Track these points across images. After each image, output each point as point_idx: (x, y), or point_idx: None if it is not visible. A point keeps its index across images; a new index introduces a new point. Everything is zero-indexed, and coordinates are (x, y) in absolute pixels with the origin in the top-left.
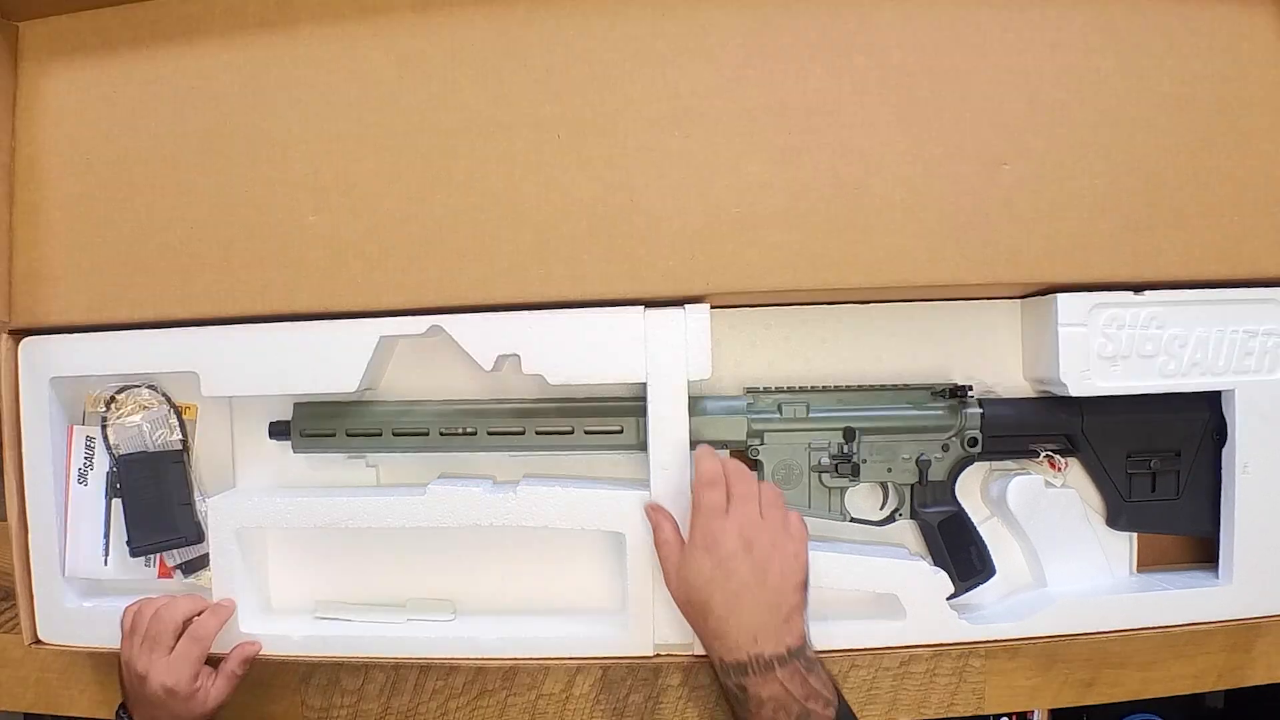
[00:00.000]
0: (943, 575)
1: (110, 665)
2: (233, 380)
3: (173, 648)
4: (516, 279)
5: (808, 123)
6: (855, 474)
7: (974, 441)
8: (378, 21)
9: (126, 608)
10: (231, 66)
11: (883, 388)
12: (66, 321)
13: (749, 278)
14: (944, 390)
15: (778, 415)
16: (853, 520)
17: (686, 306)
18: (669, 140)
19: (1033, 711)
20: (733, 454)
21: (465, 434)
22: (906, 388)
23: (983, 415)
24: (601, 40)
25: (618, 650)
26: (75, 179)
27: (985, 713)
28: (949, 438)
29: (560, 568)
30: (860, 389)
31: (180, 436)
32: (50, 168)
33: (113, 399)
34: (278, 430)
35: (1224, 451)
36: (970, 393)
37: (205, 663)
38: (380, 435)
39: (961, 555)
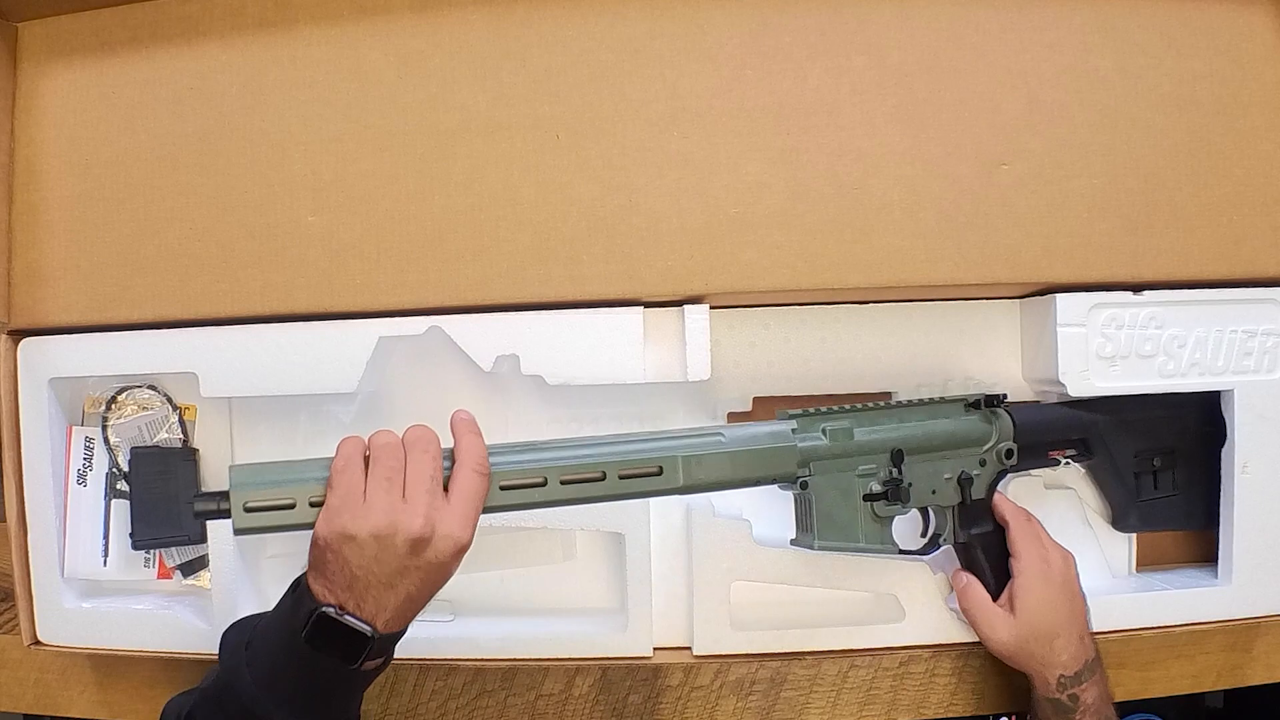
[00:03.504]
0: (942, 576)
1: (109, 666)
2: (232, 381)
3: (446, 489)
4: (515, 279)
5: (806, 123)
6: (906, 499)
7: (1009, 454)
8: (376, 22)
9: (342, 445)
10: (230, 67)
11: (920, 402)
12: (65, 322)
13: (748, 278)
14: (977, 401)
15: (824, 441)
16: (902, 553)
17: (685, 307)
18: (668, 141)
19: None
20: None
21: None
22: (942, 401)
23: (1015, 425)
24: (600, 41)
25: (617, 650)
26: (74, 179)
27: (985, 713)
28: (985, 451)
29: (560, 568)
30: (899, 405)
31: (181, 437)
32: (49, 168)
33: (113, 400)
34: (207, 509)
35: (1223, 451)
36: (1004, 401)
37: None
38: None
39: (1006, 571)
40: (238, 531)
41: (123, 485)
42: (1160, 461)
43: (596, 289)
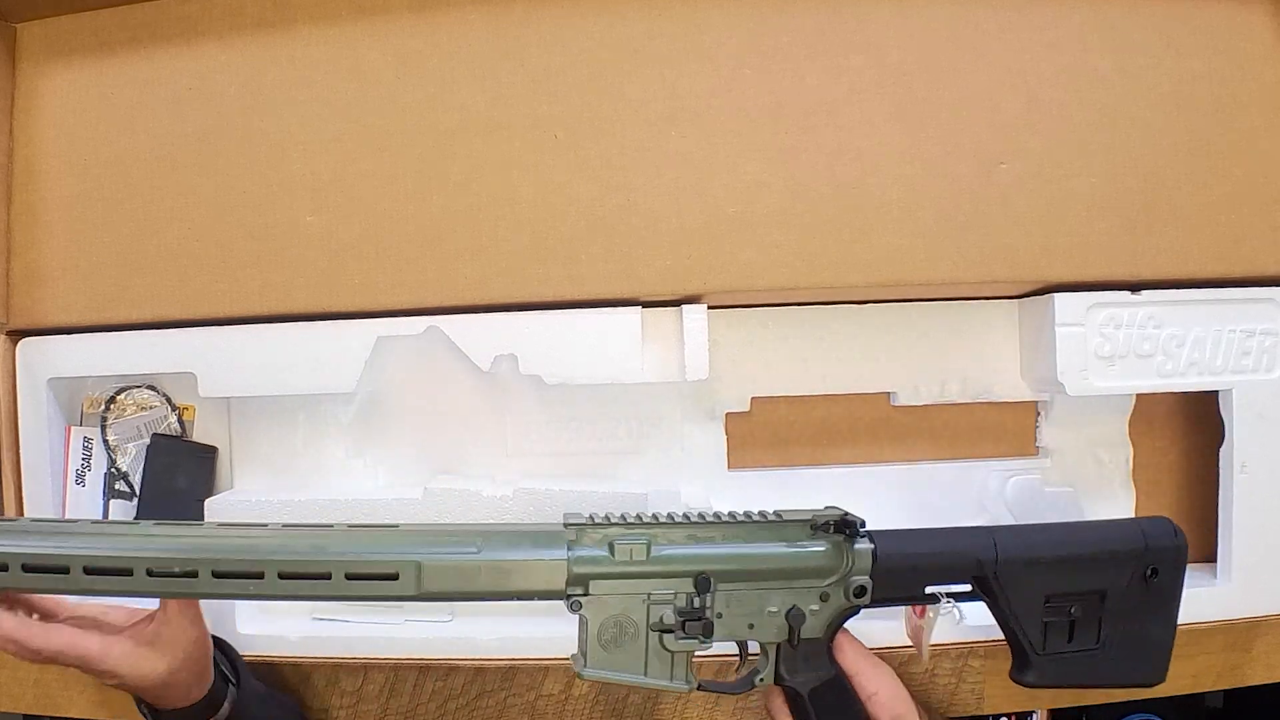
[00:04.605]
0: None
1: None
2: (230, 381)
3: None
4: (514, 279)
5: (805, 122)
6: (708, 634)
7: (861, 591)
8: (375, 22)
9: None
10: (229, 67)
11: (749, 519)
12: (64, 322)
13: (746, 277)
14: (828, 524)
15: (608, 556)
16: (701, 688)
17: (684, 306)
18: (666, 140)
19: (1033, 712)
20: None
21: (184, 575)
22: (779, 520)
23: (875, 555)
24: (599, 40)
25: None
26: (73, 180)
27: (985, 713)
28: (829, 585)
29: None
30: (720, 523)
31: (180, 437)
32: (48, 169)
33: (112, 399)
34: None
35: (1222, 450)
36: (862, 529)
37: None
38: (68, 573)
39: None
40: None
41: (121, 485)
42: (1080, 610)
43: (595, 288)
